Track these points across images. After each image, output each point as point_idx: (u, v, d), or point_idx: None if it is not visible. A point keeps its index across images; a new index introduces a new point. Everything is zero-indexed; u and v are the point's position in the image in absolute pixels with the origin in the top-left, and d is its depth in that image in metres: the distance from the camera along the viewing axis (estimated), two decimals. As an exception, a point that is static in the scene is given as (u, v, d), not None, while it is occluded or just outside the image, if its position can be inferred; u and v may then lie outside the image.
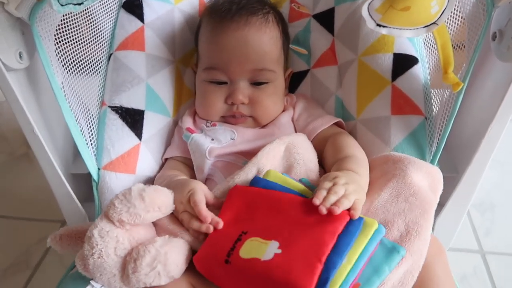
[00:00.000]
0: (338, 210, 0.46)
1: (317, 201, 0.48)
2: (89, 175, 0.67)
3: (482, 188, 0.96)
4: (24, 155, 1.14)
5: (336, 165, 0.59)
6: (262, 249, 0.45)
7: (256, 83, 0.69)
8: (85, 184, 0.72)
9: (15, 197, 1.03)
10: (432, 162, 0.62)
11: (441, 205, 0.68)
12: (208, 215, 0.51)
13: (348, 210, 0.48)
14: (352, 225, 0.47)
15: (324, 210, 0.46)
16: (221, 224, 0.50)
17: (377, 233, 0.48)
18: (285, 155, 0.61)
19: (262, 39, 0.68)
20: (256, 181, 0.55)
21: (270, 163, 0.59)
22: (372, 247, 0.47)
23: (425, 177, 0.55)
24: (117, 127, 0.67)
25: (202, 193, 0.54)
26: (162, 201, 0.51)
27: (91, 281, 0.50)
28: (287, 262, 0.43)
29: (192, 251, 0.52)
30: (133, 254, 0.48)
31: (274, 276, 0.43)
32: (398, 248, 0.48)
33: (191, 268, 0.51)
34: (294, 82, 0.81)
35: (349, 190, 0.49)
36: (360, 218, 0.48)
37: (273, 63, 0.70)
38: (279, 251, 0.45)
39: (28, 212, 0.98)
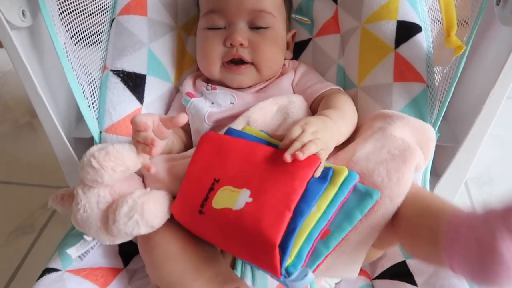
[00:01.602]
0: (302, 156, 0.45)
1: (282, 147, 0.48)
2: (91, 140, 0.68)
3: (481, 162, 0.98)
4: (28, 124, 1.15)
5: (317, 114, 0.60)
6: (233, 199, 0.46)
7: (255, 27, 0.68)
8: (86, 149, 0.73)
9: (19, 164, 1.05)
10: (432, 129, 0.62)
11: (439, 175, 0.69)
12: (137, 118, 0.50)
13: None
14: (321, 175, 0.46)
15: (288, 158, 0.46)
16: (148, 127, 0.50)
17: (349, 180, 0.47)
18: (276, 114, 0.61)
19: None
20: (230, 132, 0.54)
21: (261, 118, 0.59)
22: (343, 195, 0.46)
23: (414, 133, 0.54)
24: (119, 90, 0.67)
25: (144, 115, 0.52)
26: (114, 163, 0.48)
27: (84, 236, 0.53)
28: (257, 211, 0.44)
29: None
30: (113, 205, 0.50)
31: (244, 225, 0.43)
32: (371, 192, 0.47)
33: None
34: (296, 51, 0.80)
35: (317, 137, 0.49)
36: (329, 168, 0.47)
37: (273, 7, 0.69)
38: (250, 199, 0.45)
39: (33, 179, 1.00)
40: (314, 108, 0.66)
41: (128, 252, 0.60)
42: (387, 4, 0.68)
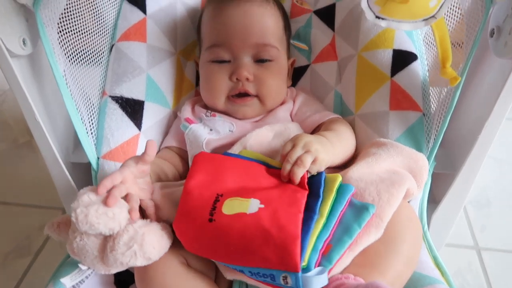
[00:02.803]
0: (297, 181, 0.50)
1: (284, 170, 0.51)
2: (88, 164, 0.68)
3: (479, 185, 0.98)
4: (27, 143, 1.16)
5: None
6: (245, 205, 0.46)
7: (259, 60, 0.69)
8: (84, 174, 0.72)
9: (17, 184, 1.04)
10: (429, 157, 0.62)
11: (436, 202, 0.69)
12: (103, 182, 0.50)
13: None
14: (315, 181, 0.49)
15: (283, 179, 0.51)
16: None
17: (346, 191, 0.50)
18: (273, 141, 0.62)
19: (264, 14, 0.69)
20: (227, 155, 0.56)
21: (257, 144, 0.60)
22: (341, 206, 0.49)
23: (406, 162, 0.56)
24: (117, 116, 0.68)
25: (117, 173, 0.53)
26: (90, 227, 0.47)
27: (79, 264, 0.52)
28: (273, 213, 0.45)
29: None
30: (113, 233, 0.49)
31: (262, 224, 0.44)
32: (367, 206, 0.49)
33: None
34: (294, 77, 0.81)
35: (309, 149, 0.52)
36: (321, 174, 0.50)
37: (276, 40, 0.70)
38: (262, 206, 0.46)
39: (30, 199, 0.99)
40: None
41: (123, 281, 0.59)
42: (383, 32, 0.69)
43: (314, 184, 0.49)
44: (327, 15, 0.80)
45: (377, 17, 0.52)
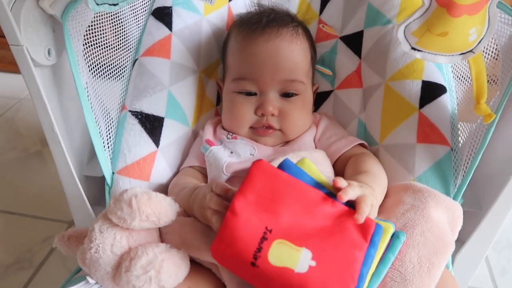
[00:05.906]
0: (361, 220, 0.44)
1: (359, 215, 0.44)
2: (101, 178, 0.66)
3: (501, 226, 0.94)
4: (38, 153, 1.14)
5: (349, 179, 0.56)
6: (294, 258, 0.42)
7: (285, 95, 0.68)
8: (97, 188, 0.71)
9: (24, 194, 1.03)
10: (456, 195, 0.59)
11: (461, 242, 0.66)
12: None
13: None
14: (374, 235, 0.45)
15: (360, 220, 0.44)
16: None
17: (397, 241, 0.48)
18: None
19: (294, 50, 0.68)
20: (287, 166, 0.47)
21: None
22: (393, 255, 0.47)
23: (445, 212, 0.54)
24: (135, 132, 0.67)
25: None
26: (152, 211, 0.47)
27: (87, 277, 0.50)
28: (323, 279, 0.41)
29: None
30: (131, 253, 0.47)
31: None
32: (398, 234, 0.48)
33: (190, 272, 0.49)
34: (316, 101, 0.80)
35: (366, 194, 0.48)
36: (380, 227, 0.46)
37: (304, 75, 0.69)
38: (313, 263, 0.41)
39: (36, 210, 0.97)
40: (339, 166, 0.65)
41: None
42: (412, 63, 0.68)
43: (374, 240, 0.45)
44: (354, 41, 0.79)
45: (413, 48, 0.51)
